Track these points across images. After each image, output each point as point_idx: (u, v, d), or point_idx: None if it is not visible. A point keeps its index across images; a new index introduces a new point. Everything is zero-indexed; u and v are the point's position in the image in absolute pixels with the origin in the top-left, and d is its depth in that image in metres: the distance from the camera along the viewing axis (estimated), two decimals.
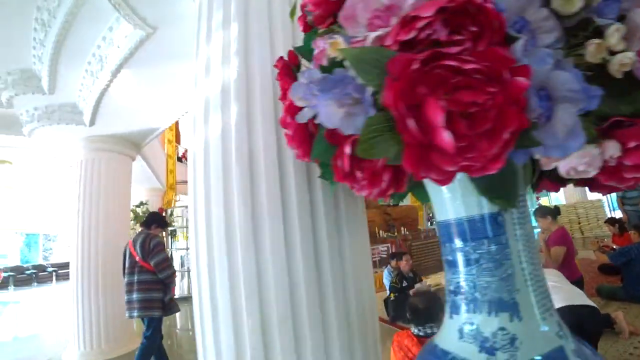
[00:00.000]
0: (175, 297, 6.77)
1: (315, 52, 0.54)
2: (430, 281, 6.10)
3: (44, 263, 14.53)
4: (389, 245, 8.11)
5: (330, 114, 0.44)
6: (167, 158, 7.80)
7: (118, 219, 4.15)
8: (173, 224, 7.41)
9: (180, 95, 3.10)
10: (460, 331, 0.63)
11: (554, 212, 3.78)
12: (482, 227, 0.63)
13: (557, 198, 15.03)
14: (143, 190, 8.08)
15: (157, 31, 2.14)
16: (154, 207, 7.16)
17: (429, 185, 0.67)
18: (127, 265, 2.97)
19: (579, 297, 2.42)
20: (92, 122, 3.46)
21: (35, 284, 12.33)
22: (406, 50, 0.39)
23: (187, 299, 7.04)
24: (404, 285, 4.63)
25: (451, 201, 0.67)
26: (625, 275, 3.85)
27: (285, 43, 1.12)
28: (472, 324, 0.62)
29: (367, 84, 0.42)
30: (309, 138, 0.59)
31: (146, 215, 3.34)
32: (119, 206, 4.19)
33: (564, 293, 2.43)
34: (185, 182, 6.25)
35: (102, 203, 3.97)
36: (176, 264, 7.26)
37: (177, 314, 6.07)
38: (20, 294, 10.32)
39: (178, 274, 7.08)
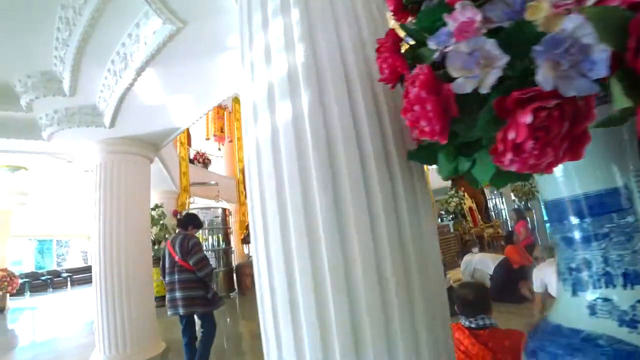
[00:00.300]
0: None
1: (454, 25, 0.51)
2: (450, 276, 6.05)
3: (58, 269, 14.62)
4: None
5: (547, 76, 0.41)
6: (180, 160, 7.76)
7: (139, 221, 4.12)
8: None
9: (205, 92, 3.04)
10: (592, 307, 0.63)
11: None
12: (613, 201, 0.63)
13: None
14: (156, 193, 8.07)
15: (187, 26, 2.08)
16: (168, 210, 7.13)
17: None
18: (167, 265, 3.07)
19: None
20: (113, 124, 3.42)
21: (51, 289, 12.39)
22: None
23: None
24: None
25: (573, 177, 0.67)
26: None
27: (349, 22, 1.06)
28: (606, 299, 0.62)
29: (604, 44, 0.40)
30: (445, 114, 0.54)
31: (184, 217, 3.39)
32: (139, 209, 4.15)
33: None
34: (198, 183, 6.19)
35: (123, 206, 3.93)
36: None
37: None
38: (37, 300, 10.37)
39: None
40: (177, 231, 3.26)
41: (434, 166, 0.82)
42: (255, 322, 3.68)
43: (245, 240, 8.83)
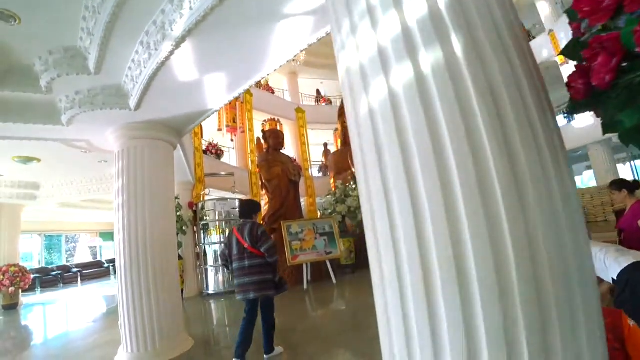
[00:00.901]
0: (210, 292, 6.56)
1: None
2: None
3: (68, 264, 14.48)
4: None
5: None
6: (194, 151, 7.52)
7: (164, 212, 3.88)
8: (205, 218, 7.15)
9: (248, 67, 2.77)
10: None
11: (633, 186, 3.38)
12: None
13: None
14: None
15: None
16: (184, 202, 6.90)
17: None
18: (235, 252, 3.21)
19: None
20: (139, 106, 3.16)
21: (61, 285, 12.26)
22: None
23: (221, 294, 6.80)
24: None
25: None
26: None
27: None
28: None
29: None
30: None
31: (245, 205, 3.45)
32: (163, 198, 3.91)
33: (632, 253, 2.35)
34: (212, 174, 5.93)
35: (147, 195, 3.69)
36: (210, 260, 7.02)
37: (214, 309, 5.90)
38: (48, 295, 10.23)
39: (212, 270, 6.84)
40: (241, 221, 3.39)
41: None
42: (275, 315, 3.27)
43: None
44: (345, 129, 13.37)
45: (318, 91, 19.08)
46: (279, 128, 9.89)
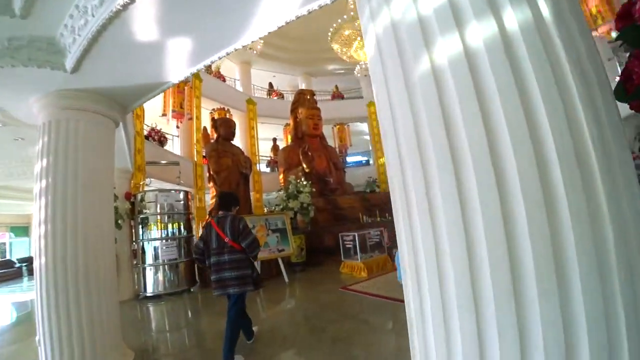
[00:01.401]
0: (148, 294, 5.85)
1: None
2: None
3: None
4: (381, 229, 7.80)
5: None
6: (135, 135, 6.66)
7: (101, 200, 3.22)
8: (145, 211, 6.36)
9: (222, 34, 2.33)
10: None
11: None
12: None
13: None
14: None
15: None
16: (120, 192, 6.06)
17: None
18: (214, 246, 3.09)
19: None
20: (77, 67, 2.55)
21: None
22: None
23: (160, 296, 6.12)
24: None
25: None
26: None
27: None
28: None
29: None
30: None
31: (225, 197, 3.36)
32: (101, 185, 3.25)
33: None
34: (154, 163, 5.28)
35: (81, 180, 3.02)
36: (148, 257, 6.27)
37: (153, 313, 5.23)
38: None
39: (151, 269, 6.14)
40: (219, 213, 3.27)
41: None
42: (222, 319, 3.09)
43: None
44: (297, 123, 13.06)
45: (271, 84, 18.53)
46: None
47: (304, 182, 9.23)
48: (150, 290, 6.13)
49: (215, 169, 7.67)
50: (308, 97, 13.42)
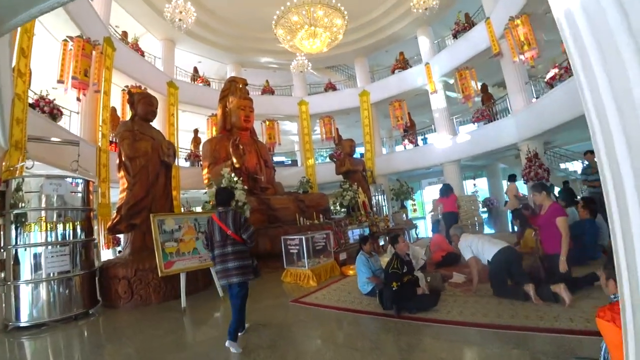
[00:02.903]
0: (23, 324, 4.20)
1: None
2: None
3: None
4: (328, 232, 7.08)
5: None
6: (13, 98, 4.81)
7: None
8: (22, 204, 4.59)
9: None
10: None
11: (550, 189, 4.32)
12: None
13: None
14: None
15: None
16: None
17: None
18: (217, 239, 3.36)
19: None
20: None
21: None
22: None
23: (45, 325, 4.48)
24: (404, 270, 3.99)
25: None
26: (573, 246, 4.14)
27: None
28: None
29: None
30: None
31: (223, 193, 3.58)
32: None
33: (500, 242, 4.08)
34: (40, 139, 3.67)
35: None
36: (25, 271, 4.51)
37: (30, 354, 3.65)
38: None
39: (30, 286, 4.47)
40: (219, 208, 3.47)
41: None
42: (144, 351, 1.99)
43: (115, 229, 6.21)
44: (226, 113, 11.62)
45: (196, 69, 16.69)
46: None
47: (235, 178, 8.08)
48: (26, 318, 4.39)
49: (128, 154, 6.07)
50: (240, 85, 12.09)
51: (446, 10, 14.24)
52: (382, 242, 9.84)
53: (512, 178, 8.83)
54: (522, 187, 20.84)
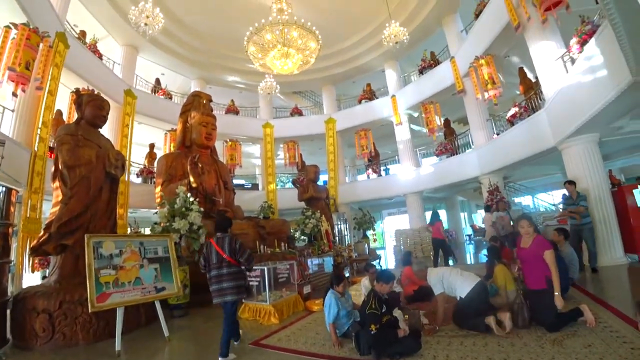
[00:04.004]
0: None
1: None
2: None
3: None
4: (292, 262, 6.48)
5: None
6: None
7: None
8: None
9: None
10: None
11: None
12: None
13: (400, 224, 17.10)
14: None
15: None
16: None
17: None
18: (214, 261, 3.79)
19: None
20: None
21: None
22: None
23: None
24: (383, 310, 3.49)
25: None
26: None
27: None
28: None
29: None
30: None
31: (221, 220, 4.10)
32: None
33: (472, 277, 3.98)
34: None
35: None
36: None
37: None
38: None
39: None
40: (217, 234, 3.95)
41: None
42: None
43: (41, 249, 5.16)
44: (186, 129, 10.85)
45: (158, 80, 15.79)
46: None
47: (191, 199, 7.34)
48: None
49: (67, 161, 5.20)
50: (204, 101, 11.43)
51: (414, 47, 14.81)
52: (347, 274, 9.37)
53: (488, 208, 9.34)
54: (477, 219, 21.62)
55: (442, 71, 13.57)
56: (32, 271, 7.92)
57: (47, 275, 5.94)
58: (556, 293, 3.46)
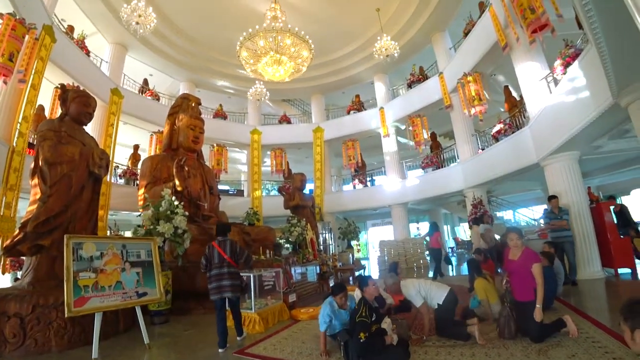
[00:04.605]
0: None
1: None
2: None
3: None
4: (278, 270, 6.37)
5: None
6: None
7: None
8: None
9: None
10: None
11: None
12: None
13: (385, 235, 17.14)
14: None
15: None
16: None
17: None
18: (216, 261, 4.28)
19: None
20: None
21: None
22: None
23: None
24: (373, 319, 3.43)
25: None
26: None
27: None
28: None
29: None
30: None
31: (222, 227, 4.64)
32: None
33: (444, 286, 4.10)
34: None
35: None
36: None
37: None
38: None
39: None
40: (218, 238, 4.48)
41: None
42: None
43: (15, 250, 4.90)
44: (173, 131, 10.66)
45: (146, 81, 15.53)
46: None
47: (176, 202, 7.16)
48: None
49: (48, 157, 5.00)
50: (193, 104, 11.27)
51: (403, 62, 15.11)
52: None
53: (477, 221, 9.42)
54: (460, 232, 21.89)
55: (430, 86, 13.86)
56: (3, 273, 7.55)
57: (18, 277, 5.65)
58: (537, 305, 3.50)
